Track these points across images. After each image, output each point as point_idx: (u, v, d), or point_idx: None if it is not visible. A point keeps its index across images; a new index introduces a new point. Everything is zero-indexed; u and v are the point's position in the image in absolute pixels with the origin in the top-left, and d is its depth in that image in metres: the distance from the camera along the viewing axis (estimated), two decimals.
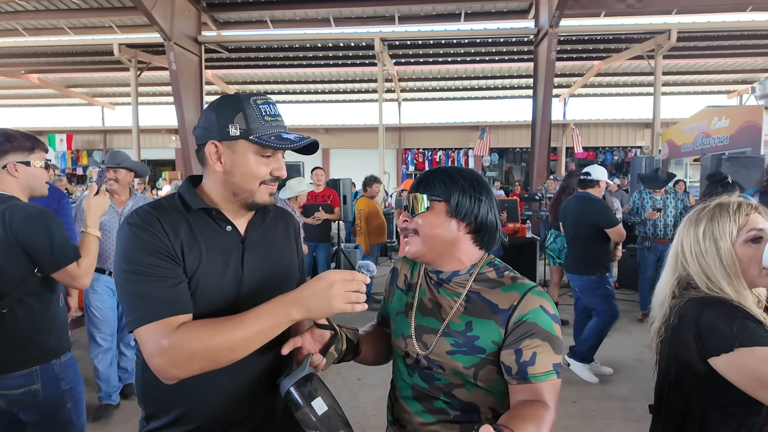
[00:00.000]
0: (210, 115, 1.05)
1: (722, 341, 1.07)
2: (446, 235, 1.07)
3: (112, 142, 17.42)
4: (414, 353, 1.11)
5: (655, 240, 4.96)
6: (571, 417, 3.16)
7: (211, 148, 1.04)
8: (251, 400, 1.10)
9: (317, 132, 16.56)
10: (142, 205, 1.08)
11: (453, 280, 1.11)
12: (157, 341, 0.93)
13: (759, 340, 1.05)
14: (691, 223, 1.26)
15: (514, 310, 1.01)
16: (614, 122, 16.01)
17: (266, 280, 1.11)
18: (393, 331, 1.19)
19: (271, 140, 1.03)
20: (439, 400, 1.08)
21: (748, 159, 6.06)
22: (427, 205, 1.08)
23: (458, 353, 1.04)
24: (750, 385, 1.05)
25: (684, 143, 9.30)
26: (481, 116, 23.42)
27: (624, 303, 5.56)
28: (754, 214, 1.18)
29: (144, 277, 0.96)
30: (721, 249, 1.17)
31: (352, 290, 0.95)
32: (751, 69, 13.83)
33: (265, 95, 1.08)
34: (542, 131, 9.94)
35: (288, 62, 13.24)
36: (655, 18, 10.44)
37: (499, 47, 11.96)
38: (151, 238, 0.98)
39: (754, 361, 1.03)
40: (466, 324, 1.05)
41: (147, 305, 0.95)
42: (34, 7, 10.41)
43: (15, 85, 15.40)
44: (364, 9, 10.62)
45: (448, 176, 1.10)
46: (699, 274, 1.20)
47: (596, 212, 3.68)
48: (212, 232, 1.07)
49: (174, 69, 10.13)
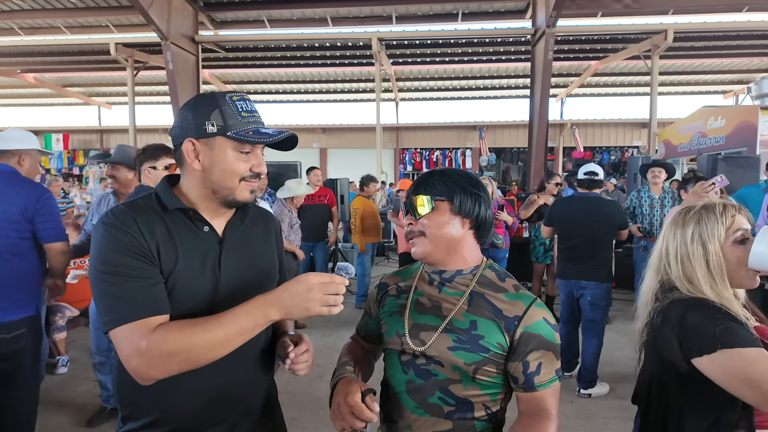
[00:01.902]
0: (186, 114, 1.04)
1: (705, 342, 1.10)
2: (453, 233, 1.11)
3: (109, 142, 17.36)
4: (410, 350, 1.12)
5: (651, 239, 4.98)
6: (568, 416, 3.17)
7: (189, 146, 1.03)
8: (228, 401, 1.09)
9: (315, 132, 16.55)
10: (118, 204, 1.07)
11: (456, 279, 1.14)
12: (134, 343, 0.92)
13: (741, 341, 1.08)
14: (677, 226, 1.27)
15: (519, 321, 1.06)
16: (611, 122, 16.04)
17: (244, 281, 1.09)
18: (386, 331, 1.20)
19: (249, 135, 1.02)
20: (434, 396, 1.09)
21: (743, 159, 6.08)
22: (432, 205, 1.11)
23: (460, 350, 1.06)
24: (733, 384, 1.08)
25: (680, 143, 9.33)
26: (479, 116, 23.52)
27: (620, 302, 5.58)
28: (738, 215, 1.21)
29: (120, 277, 0.95)
30: (709, 252, 1.19)
31: (330, 293, 0.96)
32: (747, 69, 13.89)
33: (241, 93, 1.08)
34: (539, 131, 9.95)
35: (285, 62, 13.23)
36: (651, 18, 10.47)
37: (496, 47, 11.97)
38: (127, 239, 0.97)
39: (737, 362, 1.06)
40: (470, 322, 1.08)
41: (123, 306, 0.94)
42: (30, 6, 10.37)
43: (11, 85, 15.34)
44: (362, 9, 10.62)
45: (446, 176, 1.13)
46: (680, 278, 1.22)
47: (616, 213, 3.56)
48: (189, 232, 1.06)
49: (171, 68, 10.10)
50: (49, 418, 3.07)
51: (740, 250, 1.18)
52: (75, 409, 3.22)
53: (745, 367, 1.06)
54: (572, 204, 3.70)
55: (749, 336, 1.10)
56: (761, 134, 7.05)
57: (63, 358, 3.85)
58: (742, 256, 1.17)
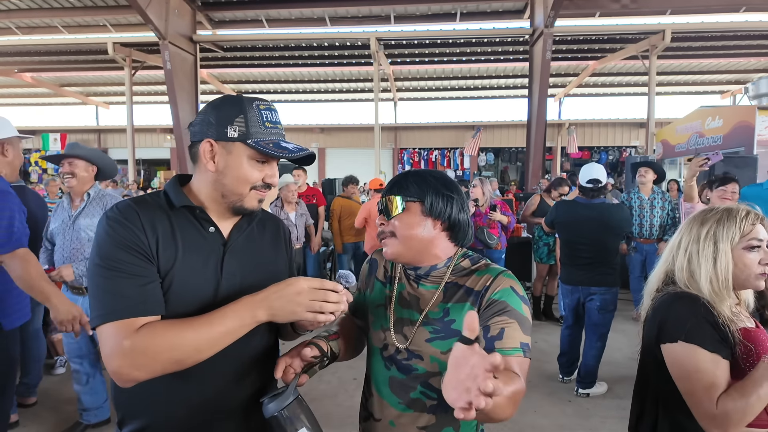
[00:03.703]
0: (209, 113, 1.03)
1: (674, 332, 1.20)
2: (423, 234, 1.11)
3: (107, 142, 17.32)
4: (393, 346, 1.13)
5: (641, 240, 4.99)
6: (566, 416, 3.18)
7: (206, 147, 1.02)
8: (224, 409, 1.07)
9: (313, 131, 16.54)
10: (125, 199, 1.06)
11: (431, 274, 1.15)
12: (118, 341, 0.90)
13: (704, 341, 1.15)
14: (696, 222, 1.31)
15: (486, 290, 1.06)
16: (609, 122, 16.06)
17: (246, 285, 1.06)
18: (371, 323, 1.21)
19: (269, 147, 1.01)
20: (416, 390, 1.10)
21: (741, 159, 6.09)
22: (403, 206, 1.11)
23: (436, 339, 1.08)
24: (674, 375, 1.19)
25: (678, 143, 9.34)
26: (477, 116, 23.50)
27: (619, 302, 5.58)
28: (759, 225, 1.25)
29: (115, 272, 0.94)
30: (719, 250, 1.24)
31: (318, 299, 0.95)
32: (745, 69, 13.93)
33: (268, 101, 1.06)
34: (537, 131, 9.97)
35: (283, 61, 13.21)
36: (649, 18, 10.50)
37: (494, 47, 11.98)
38: (128, 234, 0.96)
39: (687, 358, 1.16)
40: (443, 311, 1.09)
41: (113, 302, 0.92)
42: (27, 6, 10.35)
43: (8, 84, 15.30)
44: (360, 8, 10.62)
45: (420, 177, 1.13)
46: (683, 269, 1.28)
47: (625, 221, 3.53)
48: (194, 231, 1.04)
49: (169, 68, 10.09)
50: (48, 418, 3.06)
51: (748, 257, 1.23)
52: (74, 409, 3.21)
53: (689, 364, 1.15)
54: (577, 209, 3.56)
55: (716, 341, 1.16)
56: (758, 134, 7.06)
57: (61, 359, 3.84)
58: (748, 262, 1.23)
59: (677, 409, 1.21)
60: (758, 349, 1.17)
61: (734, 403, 1.09)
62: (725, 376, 1.14)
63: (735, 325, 1.19)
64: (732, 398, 1.10)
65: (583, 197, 3.57)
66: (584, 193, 3.56)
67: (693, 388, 1.15)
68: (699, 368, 1.14)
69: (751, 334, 1.21)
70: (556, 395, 3.47)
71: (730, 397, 1.10)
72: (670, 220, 4.92)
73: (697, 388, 1.14)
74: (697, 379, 1.14)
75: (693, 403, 1.15)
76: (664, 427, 1.27)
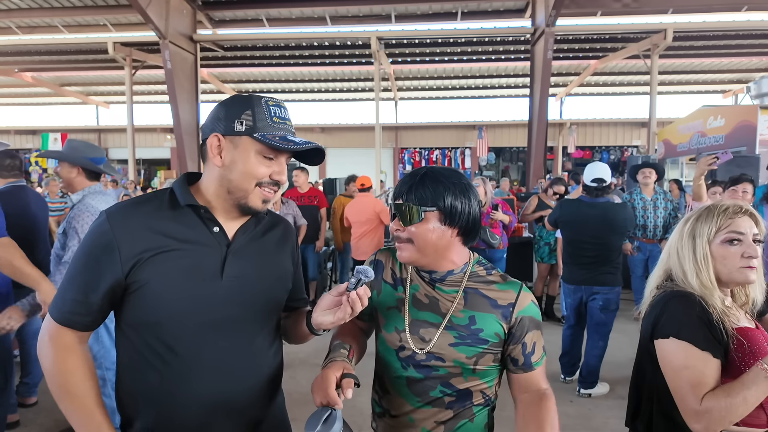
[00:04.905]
0: (219, 110, 1.04)
1: (667, 328, 1.23)
2: (441, 242, 1.11)
3: (107, 141, 17.34)
4: (410, 347, 1.13)
5: (644, 240, 4.97)
6: (569, 416, 3.16)
7: (214, 141, 1.02)
8: (229, 412, 1.05)
9: (313, 131, 16.53)
10: (122, 201, 1.06)
11: (448, 279, 1.15)
12: (44, 332, 1.01)
13: (695, 339, 1.18)
14: (684, 221, 1.36)
15: (514, 307, 1.12)
16: (610, 121, 16.05)
17: (248, 289, 1.05)
18: (384, 325, 1.19)
19: (275, 140, 1.00)
20: (435, 389, 1.12)
21: (743, 158, 6.08)
22: (421, 217, 1.09)
23: (462, 345, 1.10)
24: (665, 370, 1.22)
25: (680, 142, 9.31)
26: (478, 115, 23.50)
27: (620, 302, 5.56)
28: (740, 218, 1.26)
29: (74, 273, 1.00)
30: (697, 246, 1.28)
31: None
32: (747, 68, 13.90)
33: (278, 100, 1.06)
34: (539, 130, 9.95)
35: (284, 61, 13.20)
36: (651, 17, 10.48)
37: (495, 46, 11.96)
38: (104, 239, 0.98)
39: (676, 353, 1.19)
40: (469, 318, 1.11)
41: (58, 301, 1.00)
42: (27, 5, 10.34)
43: (8, 84, 15.31)
44: (361, 7, 10.61)
45: (437, 182, 1.09)
46: (677, 266, 1.32)
47: (629, 220, 3.52)
48: (197, 230, 1.03)
49: (169, 68, 10.08)
50: (49, 418, 3.05)
51: (726, 250, 1.25)
52: None
53: (679, 360, 1.18)
54: (581, 209, 3.53)
55: (708, 340, 1.18)
56: (760, 134, 7.04)
57: None
58: (726, 255, 1.25)
59: (672, 405, 1.22)
60: (755, 349, 1.18)
61: (718, 401, 1.11)
62: (714, 376, 1.16)
63: (728, 318, 1.21)
64: (716, 397, 1.12)
65: (587, 196, 3.56)
66: (588, 192, 3.55)
67: (680, 383, 1.18)
68: (688, 365, 1.17)
69: (749, 335, 1.21)
70: (558, 396, 3.42)
71: (715, 395, 1.13)
72: (672, 219, 4.91)
73: (684, 384, 1.16)
74: (684, 375, 1.17)
75: (679, 398, 1.18)
76: (659, 422, 1.30)
